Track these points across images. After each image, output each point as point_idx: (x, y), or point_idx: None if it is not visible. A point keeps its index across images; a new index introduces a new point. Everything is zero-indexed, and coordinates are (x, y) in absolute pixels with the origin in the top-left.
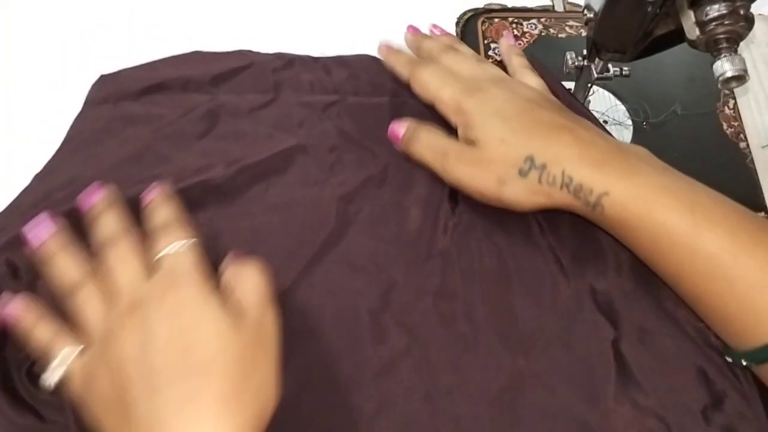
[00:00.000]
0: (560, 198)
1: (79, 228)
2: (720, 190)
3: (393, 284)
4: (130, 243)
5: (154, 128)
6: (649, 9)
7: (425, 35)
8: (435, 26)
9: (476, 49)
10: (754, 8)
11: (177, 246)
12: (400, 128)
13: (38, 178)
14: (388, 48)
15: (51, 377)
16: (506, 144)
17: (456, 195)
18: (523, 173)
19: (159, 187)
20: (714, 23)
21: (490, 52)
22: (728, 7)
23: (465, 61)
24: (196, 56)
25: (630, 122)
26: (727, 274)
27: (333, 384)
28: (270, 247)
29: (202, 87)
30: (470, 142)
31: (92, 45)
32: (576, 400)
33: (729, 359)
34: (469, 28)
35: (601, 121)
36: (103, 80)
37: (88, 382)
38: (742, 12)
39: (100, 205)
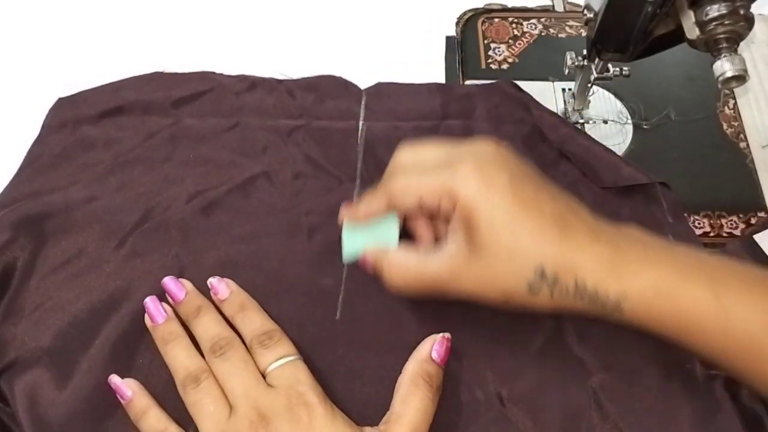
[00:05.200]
0: (572, 306)
1: None
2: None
3: (370, 313)
4: (242, 351)
5: (114, 153)
6: (649, 9)
7: None
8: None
9: (476, 49)
10: (754, 8)
11: (287, 359)
12: (365, 265)
13: None
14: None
15: None
16: (514, 256)
17: None
18: (533, 290)
19: (225, 283)
20: (714, 23)
21: (490, 52)
22: (728, 7)
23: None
24: (158, 78)
25: (630, 122)
26: (763, 349)
27: None
28: (239, 281)
29: (163, 110)
30: (466, 239)
31: (85, 54)
32: None
33: None
34: (469, 28)
35: (600, 121)
36: (61, 103)
37: None
38: (742, 12)
39: (194, 300)
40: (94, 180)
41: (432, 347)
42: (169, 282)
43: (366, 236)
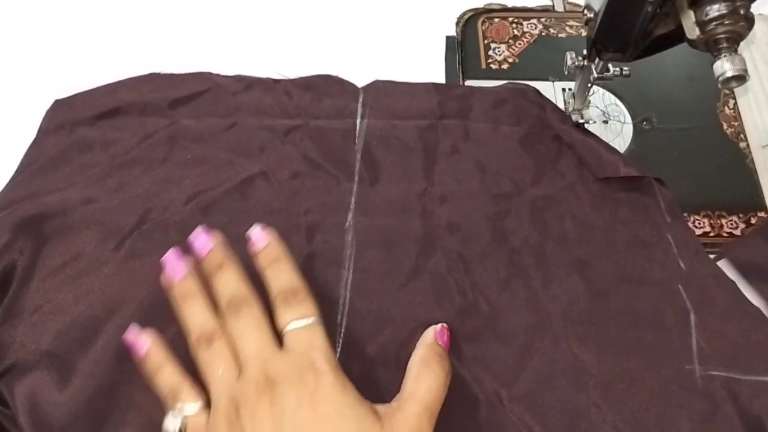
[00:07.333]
0: None
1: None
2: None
3: (371, 313)
4: (257, 311)
5: (111, 154)
6: (649, 9)
7: None
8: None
9: (476, 49)
10: (754, 8)
11: (306, 321)
12: None
13: None
14: None
15: (171, 425)
16: None
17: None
18: None
19: (267, 232)
20: (714, 23)
21: (490, 52)
22: (728, 7)
23: None
24: (154, 79)
25: (630, 122)
26: None
27: None
28: None
29: (160, 111)
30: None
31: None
32: None
33: None
34: (469, 28)
35: (600, 120)
36: (58, 105)
37: None
38: (742, 12)
39: (218, 255)
40: (91, 181)
41: (435, 335)
42: (198, 234)
43: None
